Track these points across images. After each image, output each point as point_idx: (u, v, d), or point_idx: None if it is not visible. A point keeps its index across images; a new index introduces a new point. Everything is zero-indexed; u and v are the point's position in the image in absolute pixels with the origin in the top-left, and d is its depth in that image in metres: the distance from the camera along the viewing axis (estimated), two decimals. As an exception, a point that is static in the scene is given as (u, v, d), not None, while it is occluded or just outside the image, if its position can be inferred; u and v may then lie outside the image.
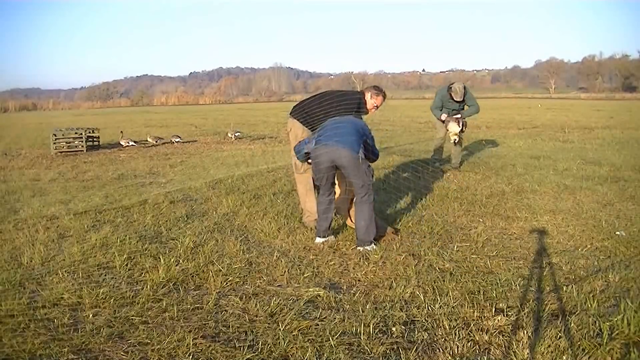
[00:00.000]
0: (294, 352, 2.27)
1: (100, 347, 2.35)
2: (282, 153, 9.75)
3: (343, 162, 3.68)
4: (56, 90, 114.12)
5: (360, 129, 3.84)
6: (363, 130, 3.86)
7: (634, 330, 2.33)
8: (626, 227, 4.14)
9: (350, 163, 3.67)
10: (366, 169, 3.76)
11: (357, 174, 3.71)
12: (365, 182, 3.71)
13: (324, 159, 3.73)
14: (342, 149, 3.66)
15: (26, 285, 3.10)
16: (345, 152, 3.65)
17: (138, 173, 7.64)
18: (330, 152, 3.70)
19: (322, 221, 3.89)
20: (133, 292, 2.94)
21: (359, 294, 2.90)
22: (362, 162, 3.71)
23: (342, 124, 3.88)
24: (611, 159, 7.83)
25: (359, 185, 3.73)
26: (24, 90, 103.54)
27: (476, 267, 3.31)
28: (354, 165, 3.67)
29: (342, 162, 3.68)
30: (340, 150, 3.67)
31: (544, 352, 2.20)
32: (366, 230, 3.70)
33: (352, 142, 3.70)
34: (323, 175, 3.80)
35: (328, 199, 3.88)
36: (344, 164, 3.68)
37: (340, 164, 3.71)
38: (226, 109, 39.97)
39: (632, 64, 73.70)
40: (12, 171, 8.20)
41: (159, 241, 3.97)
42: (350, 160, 3.66)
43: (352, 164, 3.67)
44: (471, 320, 2.53)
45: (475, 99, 7.24)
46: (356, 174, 3.71)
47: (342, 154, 3.66)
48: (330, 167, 3.76)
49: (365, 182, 3.71)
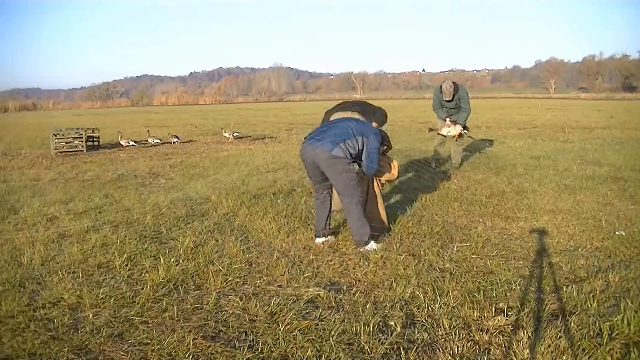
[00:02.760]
0: (294, 352, 2.27)
1: (100, 347, 2.35)
2: (282, 153, 9.75)
3: (318, 162, 3.56)
4: (56, 90, 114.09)
5: (353, 129, 3.63)
6: (358, 131, 3.64)
7: (634, 330, 2.33)
8: (626, 227, 4.14)
9: (323, 163, 3.54)
10: (345, 171, 3.54)
11: (332, 176, 3.57)
12: (344, 186, 3.56)
13: (305, 157, 3.69)
14: (317, 147, 3.55)
15: (26, 285, 3.10)
16: (318, 151, 3.54)
17: (138, 173, 7.64)
18: (309, 150, 3.62)
19: (317, 221, 3.87)
20: (133, 292, 2.94)
21: (359, 294, 2.90)
22: (340, 162, 3.52)
23: (336, 122, 3.79)
24: (611, 159, 7.83)
25: (338, 189, 3.63)
26: (24, 90, 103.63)
27: (476, 267, 3.31)
28: (326, 165, 3.54)
29: (317, 161, 3.57)
30: (315, 148, 3.57)
31: (544, 352, 2.20)
32: (358, 231, 3.63)
33: (330, 141, 3.53)
34: (310, 175, 3.79)
35: (320, 198, 3.82)
36: (319, 164, 3.57)
37: (319, 165, 3.59)
38: (226, 109, 39.98)
39: (632, 64, 73.71)
40: (12, 171, 8.20)
41: (159, 241, 3.98)
42: (323, 160, 3.53)
43: (325, 163, 3.54)
44: (471, 320, 2.53)
45: (469, 100, 7.14)
46: (331, 175, 3.56)
47: (316, 152, 3.56)
48: (314, 167, 3.65)
49: (344, 186, 3.56)
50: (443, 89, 6.96)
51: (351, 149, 3.57)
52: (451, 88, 6.91)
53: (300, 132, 14.86)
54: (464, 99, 7.05)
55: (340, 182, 3.57)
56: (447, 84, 6.98)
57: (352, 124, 3.71)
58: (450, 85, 6.95)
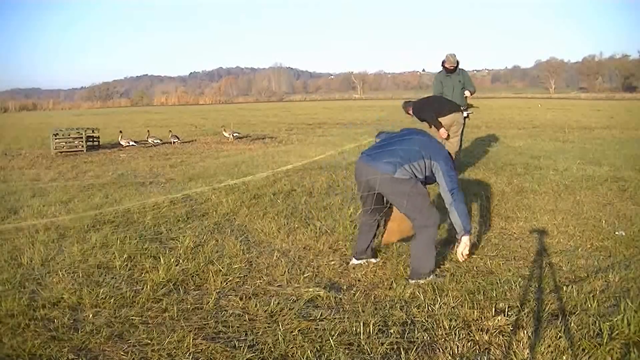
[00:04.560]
0: (294, 352, 2.27)
1: (100, 347, 2.35)
2: (281, 153, 9.75)
3: (376, 185, 3.08)
4: (56, 90, 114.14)
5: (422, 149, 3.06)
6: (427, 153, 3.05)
7: (634, 330, 2.33)
8: (626, 227, 4.14)
9: (383, 187, 3.05)
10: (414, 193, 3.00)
11: (398, 202, 3.07)
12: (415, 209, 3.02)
13: (360, 178, 3.20)
14: (375, 167, 3.06)
15: (26, 285, 3.10)
16: (377, 172, 3.04)
17: (138, 173, 7.64)
18: (364, 169, 3.14)
19: (360, 242, 3.40)
20: (133, 292, 2.94)
21: (359, 294, 2.90)
22: (406, 184, 2.99)
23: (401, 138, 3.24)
24: (611, 159, 7.83)
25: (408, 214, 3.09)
26: (24, 90, 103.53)
27: (476, 267, 3.31)
28: (389, 190, 3.05)
29: (375, 185, 3.08)
30: (371, 167, 3.09)
31: (544, 352, 2.20)
32: (420, 261, 3.05)
33: (392, 162, 3.01)
34: (363, 197, 3.26)
35: (369, 222, 3.34)
36: (379, 189, 3.08)
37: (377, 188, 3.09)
38: (226, 109, 39.96)
39: (632, 64, 73.65)
40: (12, 171, 8.20)
41: (159, 241, 3.97)
42: (383, 184, 3.03)
43: (387, 188, 3.05)
44: (471, 320, 2.53)
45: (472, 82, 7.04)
46: (397, 201, 3.07)
47: (373, 174, 3.06)
48: (369, 190, 3.16)
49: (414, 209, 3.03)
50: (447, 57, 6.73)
51: (417, 173, 3.04)
52: (454, 58, 6.74)
53: (300, 132, 14.87)
54: (467, 78, 6.93)
55: (410, 205, 3.03)
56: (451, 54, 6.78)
57: (418, 143, 3.12)
58: (453, 54, 6.78)
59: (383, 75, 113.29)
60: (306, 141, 12.20)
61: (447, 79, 6.86)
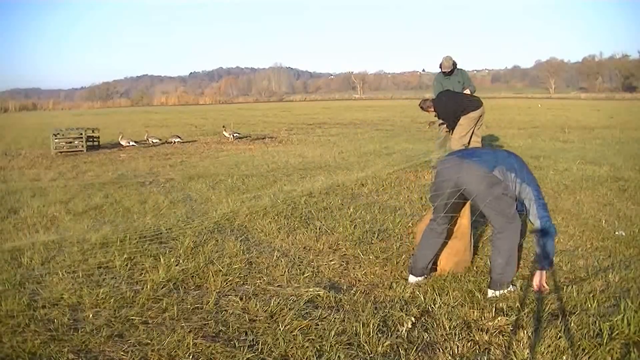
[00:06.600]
0: (294, 352, 2.27)
1: (100, 347, 2.35)
2: (281, 153, 9.75)
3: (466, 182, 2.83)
4: (56, 90, 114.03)
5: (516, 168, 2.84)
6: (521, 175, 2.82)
7: (634, 330, 2.33)
8: (626, 227, 4.14)
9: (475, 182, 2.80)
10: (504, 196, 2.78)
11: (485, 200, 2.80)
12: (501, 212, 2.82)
13: (445, 177, 2.93)
14: (469, 163, 2.84)
15: (26, 285, 3.10)
16: (471, 168, 2.81)
17: (138, 173, 7.64)
18: (454, 167, 2.89)
19: (420, 257, 3.10)
20: (133, 292, 2.94)
21: (359, 294, 2.90)
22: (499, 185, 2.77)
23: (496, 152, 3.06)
24: (611, 159, 7.83)
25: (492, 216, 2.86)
26: (24, 90, 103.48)
27: (476, 267, 3.31)
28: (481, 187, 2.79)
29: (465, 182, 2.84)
30: (464, 163, 2.85)
31: (544, 352, 2.20)
32: (501, 270, 2.85)
33: (489, 161, 2.83)
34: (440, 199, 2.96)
35: (438, 229, 3.07)
36: (468, 185, 2.83)
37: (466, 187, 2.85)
38: (226, 109, 39.96)
39: (632, 64, 73.69)
40: (12, 171, 8.20)
41: (159, 241, 3.97)
42: (476, 178, 2.79)
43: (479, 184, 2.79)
44: (471, 320, 2.53)
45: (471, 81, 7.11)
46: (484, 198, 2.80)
47: (466, 170, 2.83)
48: (453, 191, 2.90)
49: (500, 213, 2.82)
50: (443, 62, 6.83)
51: (510, 183, 2.80)
52: (450, 60, 6.84)
53: (300, 132, 14.87)
54: (466, 77, 7.00)
55: (496, 207, 2.80)
56: (446, 57, 6.88)
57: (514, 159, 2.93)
58: (449, 57, 6.87)
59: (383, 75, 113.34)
60: (306, 141, 12.21)
61: (447, 80, 6.94)
